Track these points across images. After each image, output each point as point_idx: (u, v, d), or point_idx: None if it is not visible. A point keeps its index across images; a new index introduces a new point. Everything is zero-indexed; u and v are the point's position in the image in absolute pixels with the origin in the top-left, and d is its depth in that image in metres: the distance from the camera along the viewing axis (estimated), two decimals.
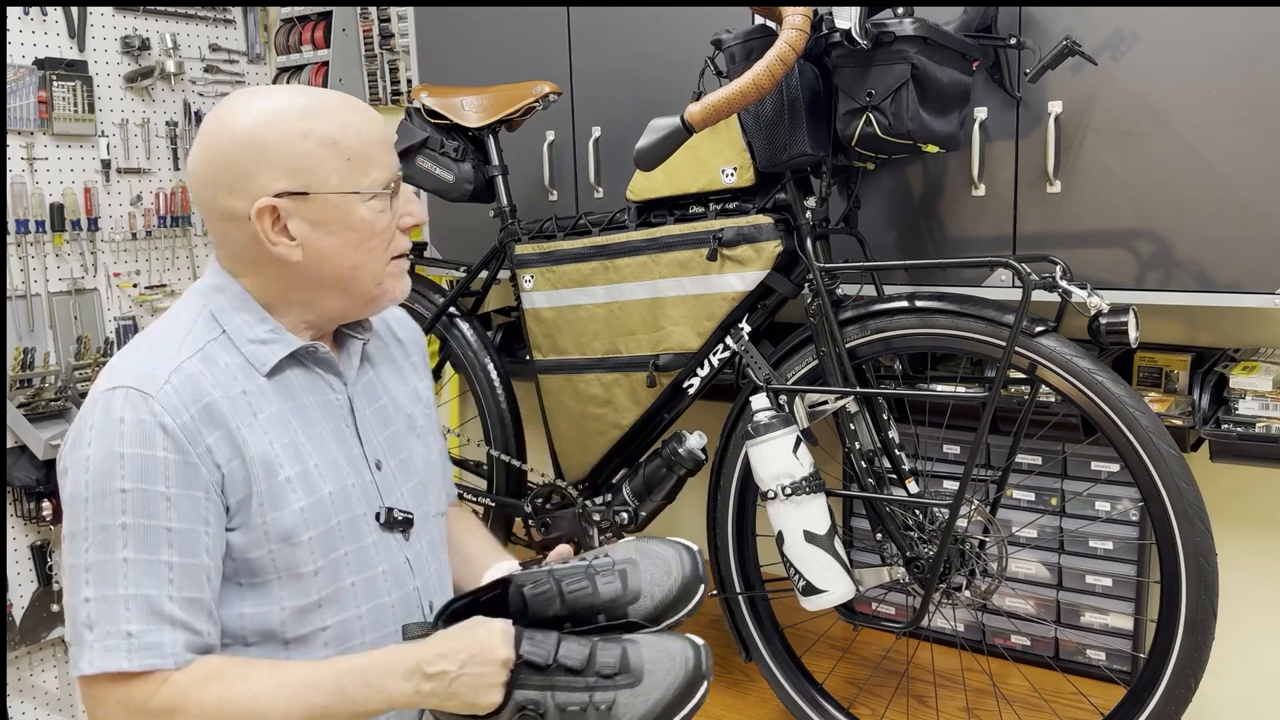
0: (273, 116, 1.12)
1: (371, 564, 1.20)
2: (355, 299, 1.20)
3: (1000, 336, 1.46)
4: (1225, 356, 1.77)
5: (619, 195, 2.12)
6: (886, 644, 2.01)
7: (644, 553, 1.23)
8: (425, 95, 2.07)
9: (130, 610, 1.03)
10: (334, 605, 1.16)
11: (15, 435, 2.62)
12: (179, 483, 1.06)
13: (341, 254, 1.15)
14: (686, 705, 1.13)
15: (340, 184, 1.13)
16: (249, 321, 1.17)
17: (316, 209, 1.13)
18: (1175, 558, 1.38)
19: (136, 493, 1.05)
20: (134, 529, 1.05)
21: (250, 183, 1.11)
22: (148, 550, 1.05)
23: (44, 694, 2.83)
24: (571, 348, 1.90)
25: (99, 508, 1.05)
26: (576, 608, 1.17)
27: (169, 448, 1.06)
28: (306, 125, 1.12)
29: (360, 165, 1.15)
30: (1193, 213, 1.58)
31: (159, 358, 1.11)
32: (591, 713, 1.09)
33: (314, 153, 1.12)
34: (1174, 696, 1.40)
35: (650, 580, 1.21)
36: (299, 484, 1.14)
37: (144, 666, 1.03)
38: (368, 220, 1.15)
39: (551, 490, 2.01)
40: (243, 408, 1.12)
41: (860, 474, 1.60)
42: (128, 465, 1.05)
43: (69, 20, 2.75)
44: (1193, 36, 1.55)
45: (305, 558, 1.13)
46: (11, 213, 2.65)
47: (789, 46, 1.43)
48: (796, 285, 1.68)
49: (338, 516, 1.17)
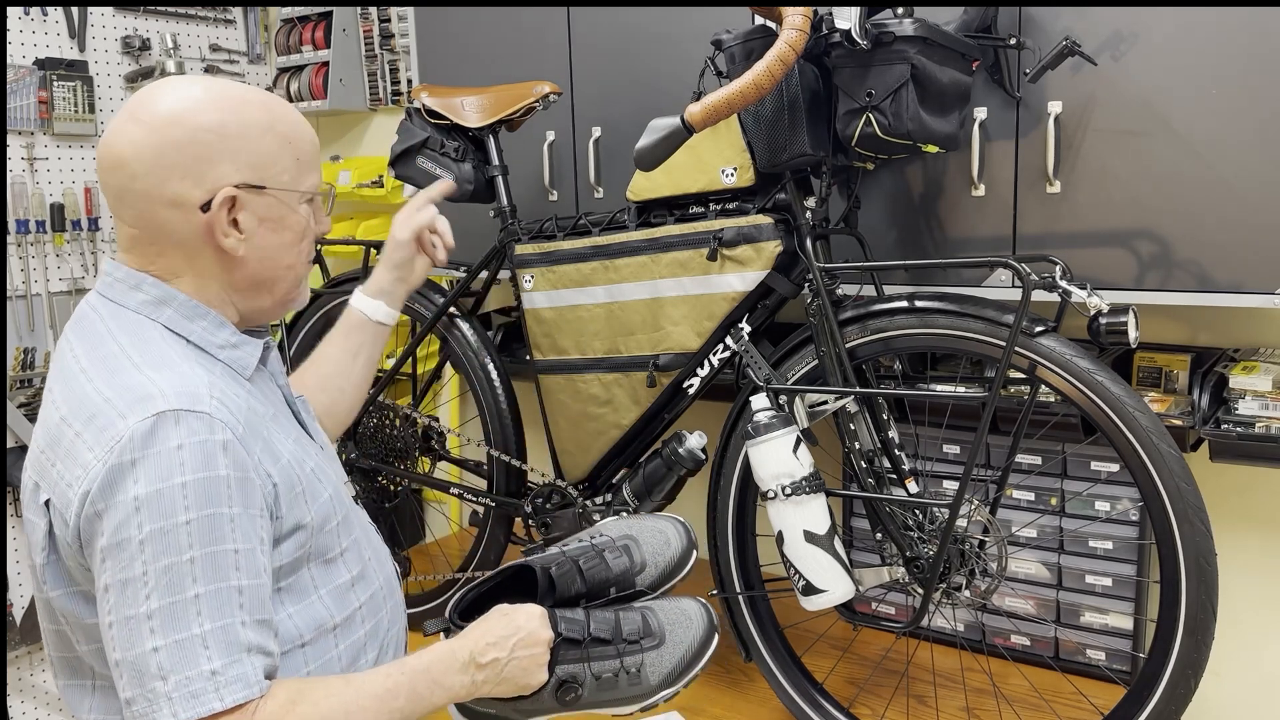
0: (238, 107, 1.11)
1: (370, 535, 1.28)
2: (278, 299, 1.20)
3: (1000, 336, 1.46)
4: (1225, 356, 1.78)
5: (619, 195, 2.12)
6: (886, 644, 2.01)
7: (639, 528, 1.35)
8: (425, 95, 2.07)
9: (210, 648, 0.97)
10: (363, 582, 1.21)
11: (15, 435, 2.62)
12: (240, 501, 1.02)
13: (280, 252, 1.16)
14: (704, 657, 1.24)
15: (290, 183, 1.15)
16: (208, 328, 1.13)
17: (267, 205, 1.13)
18: (1175, 558, 1.38)
19: (202, 520, 0.98)
20: (202, 560, 0.98)
21: (211, 171, 1.08)
22: (218, 579, 0.99)
23: (44, 694, 2.83)
24: (571, 348, 1.91)
25: (160, 548, 0.97)
26: (594, 583, 1.27)
27: (229, 465, 1.01)
28: (268, 120, 1.13)
29: (305, 167, 1.17)
30: (1193, 213, 1.58)
31: (180, 373, 1.04)
32: (623, 676, 1.19)
33: (273, 149, 1.13)
34: (1174, 696, 1.40)
35: (653, 551, 1.33)
36: (319, 475, 1.17)
37: (235, 702, 0.97)
38: (303, 221, 1.17)
39: (551, 490, 2.01)
40: (257, 415, 1.11)
41: (860, 474, 1.60)
42: (190, 493, 0.98)
43: (69, 20, 2.75)
44: (1193, 36, 1.55)
45: (333, 542, 1.17)
46: (12, 213, 2.65)
47: (789, 47, 1.43)
48: (796, 285, 1.68)
49: (347, 499, 1.23)
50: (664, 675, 1.22)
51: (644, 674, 1.21)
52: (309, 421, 1.28)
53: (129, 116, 1.09)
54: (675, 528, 1.38)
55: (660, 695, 1.22)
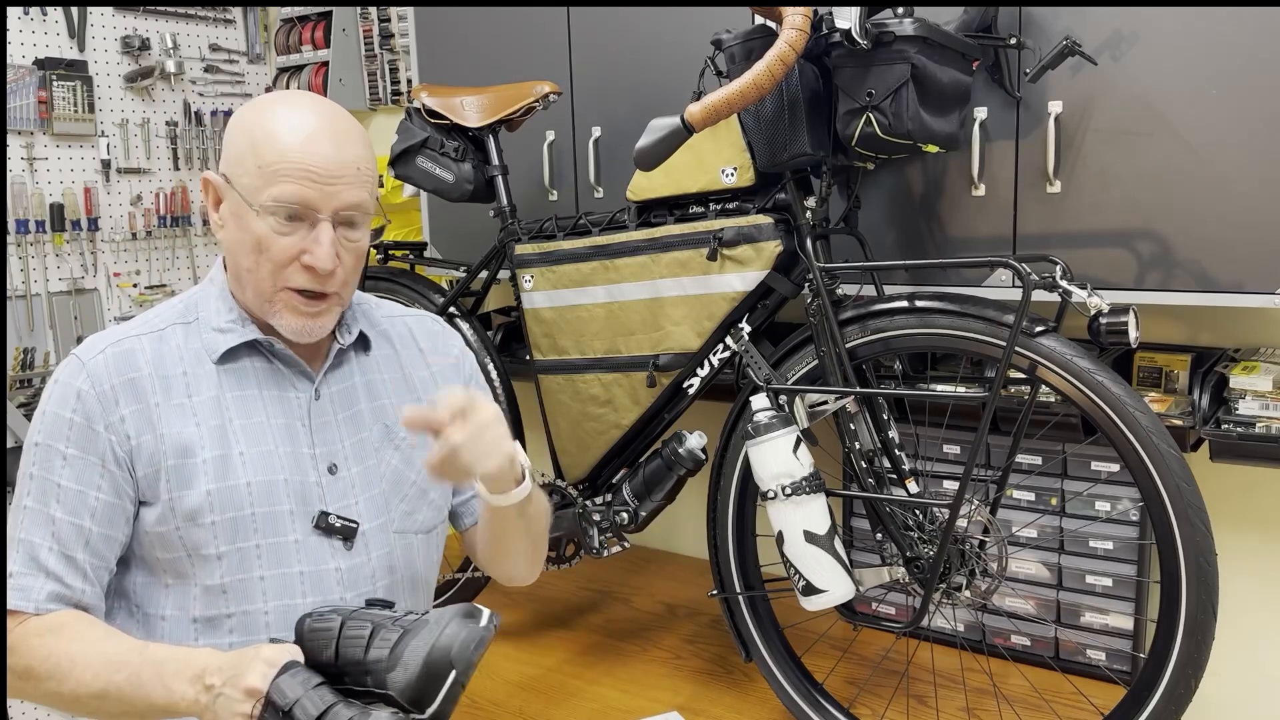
0: (248, 107, 1.21)
1: (287, 562, 1.19)
2: (253, 303, 1.21)
3: (1000, 336, 1.46)
4: (1225, 356, 1.77)
5: (619, 195, 2.12)
6: (886, 644, 2.01)
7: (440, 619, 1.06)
8: (425, 95, 2.07)
9: (17, 553, 1.14)
10: (239, 594, 1.17)
11: (15, 435, 2.61)
12: (78, 445, 1.15)
13: (239, 250, 1.19)
14: None
15: (245, 187, 1.16)
16: (220, 310, 1.23)
17: (233, 200, 1.18)
18: (1175, 558, 1.38)
19: (44, 447, 1.16)
20: (37, 480, 1.15)
21: (221, 157, 1.22)
22: (41, 503, 1.15)
23: None
24: (571, 348, 1.90)
25: (25, 459, 1.17)
26: (346, 660, 1.05)
27: (77, 411, 1.15)
28: (250, 123, 1.18)
29: (269, 178, 1.14)
30: (1193, 213, 1.58)
31: (113, 333, 1.20)
32: None
33: (242, 150, 1.17)
34: (1174, 696, 1.40)
35: (412, 650, 1.03)
36: (213, 468, 1.17)
37: (12, 606, 1.13)
38: (259, 233, 1.16)
39: (551, 490, 2.01)
40: (177, 388, 1.18)
41: (860, 474, 1.60)
42: (45, 422, 1.16)
43: (69, 20, 2.75)
44: (1193, 36, 1.54)
45: (208, 540, 1.16)
46: (11, 213, 2.65)
47: (789, 46, 1.43)
48: (796, 285, 1.68)
49: (254, 508, 1.17)
50: None
51: None
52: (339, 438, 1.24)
53: None
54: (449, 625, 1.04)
55: None
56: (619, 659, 2.01)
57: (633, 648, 2.06)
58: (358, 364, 1.30)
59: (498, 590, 2.36)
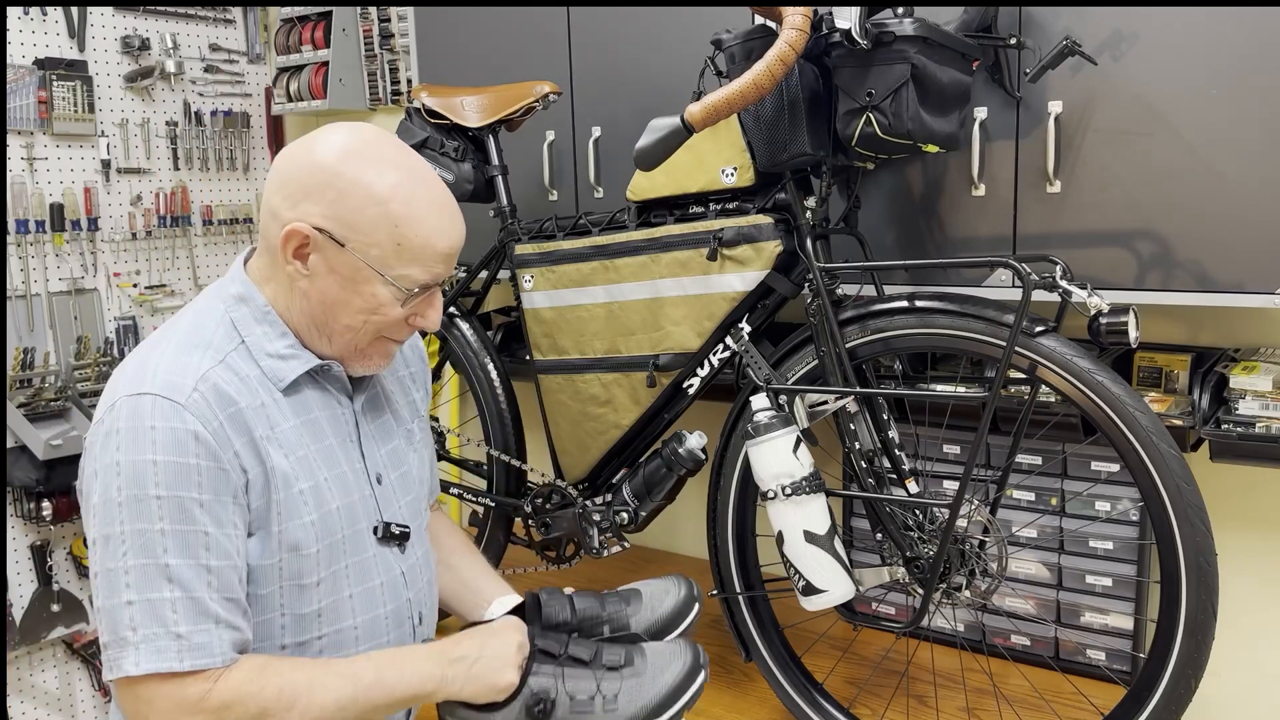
0: (366, 165, 1.14)
1: (370, 576, 1.23)
2: (336, 350, 1.22)
3: (1000, 336, 1.46)
4: (1225, 356, 1.77)
5: (619, 195, 2.12)
6: (886, 644, 2.01)
7: (646, 583, 1.35)
8: (425, 95, 2.07)
9: (178, 613, 1.05)
10: (332, 615, 1.20)
11: (15, 435, 2.61)
12: (211, 489, 1.08)
13: (339, 310, 1.17)
14: (685, 694, 1.20)
15: (377, 259, 1.14)
16: (269, 335, 1.19)
17: (344, 261, 1.15)
18: (1175, 558, 1.38)
19: (171, 500, 1.06)
20: (173, 535, 1.06)
21: (304, 202, 1.14)
22: (188, 555, 1.06)
23: (44, 694, 2.83)
24: (571, 348, 1.90)
25: (135, 512, 1.05)
26: (584, 618, 1.27)
27: (201, 454, 1.08)
28: (379, 193, 1.13)
29: (406, 259, 1.15)
30: (1193, 213, 1.58)
31: (184, 366, 1.12)
32: (599, 700, 1.16)
33: (375, 222, 1.13)
34: (1174, 696, 1.40)
35: (651, 596, 1.33)
36: (311, 497, 1.17)
37: (196, 666, 1.05)
38: (380, 300, 1.16)
39: (551, 490, 2.01)
40: (262, 419, 1.15)
41: (860, 474, 1.60)
42: (161, 472, 1.06)
43: (69, 20, 2.75)
44: (1193, 36, 1.54)
45: (310, 569, 1.16)
46: (11, 213, 2.65)
47: (789, 46, 1.43)
48: (796, 285, 1.68)
49: (343, 530, 1.20)
50: (642, 707, 1.17)
51: (620, 702, 1.17)
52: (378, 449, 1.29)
53: (304, 137, 1.18)
54: (679, 581, 1.40)
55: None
56: None
57: None
58: (376, 374, 1.33)
59: None
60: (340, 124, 1.18)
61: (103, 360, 2.83)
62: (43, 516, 2.69)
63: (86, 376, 2.79)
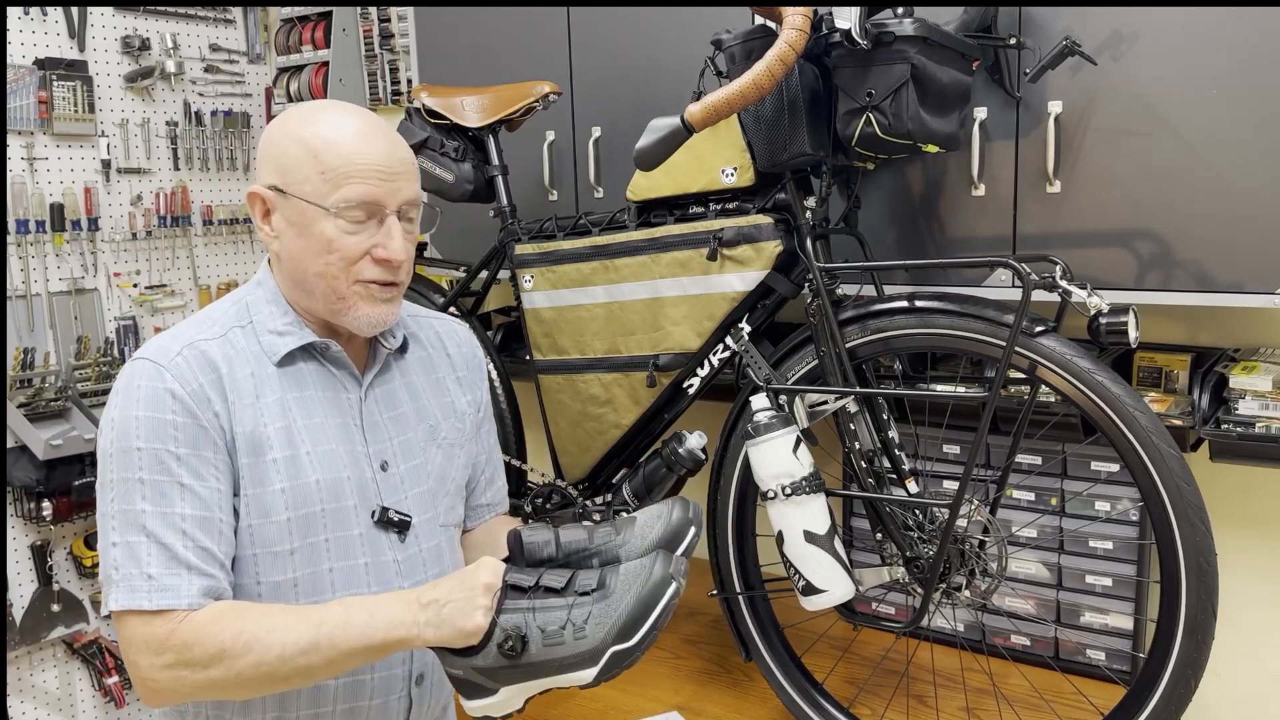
0: (287, 118, 1.23)
1: (353, 555, 1.25)
2: (321, 305, 1.25)
3: (1000, 336, 1.46)
4: (1225, 356, 1.77)
5: (619, 195, 2.12)
6: (886, 644, 2.01)
7: (644, 510, 1.24)
8: (425, 95, 2.07)
9: (151, 556, 1.13)
10: (309, 587, 1.22)
11: (15, 435, 2.62)
12: (188, 443, 1.16)
13: (305, 258, 1.22)
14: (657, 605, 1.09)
15: (310, 193, 1.19)
16: (273, 314, 1.26)
17: (291, 209, 1.21)
18: (1175, 558, 1.38)
19: (149, 451, 1.14)
20: (150, 484, 1.14)
21: (262, 170, 1.23)
22: (164, 504, 1.14)
23: (44, 694, 2.83)
24: (571, 348, 1.90)
25: (121, 463, 1.15)
26: (570, 550, 1.19)
27: (178, 411, 1.16)
28: (302, 131, 1.21)
29: (332, 181, 1.19)
30: (1193, 213, 1.58)
31: (180, 336, 1.21)
32: (569, 629, 1.09)
33: (297, 157, 1.20)
34: (1174, 696, 1.40)
35: (643, 524, 1.21)
36: (285, 466, 1.21)
37: (161, 606, 1.12)
38: (329, 235, 1.20)
39: (551, 490, 2.01)
40: (246, 389, 1.21)
41: (860, 474, 1.60)
42: (142, 426, 1.15)
43: (69, 20, 2.75)
44: (1193, 36, 1.55)
45: (282, 536, 1.20)
46: (11, 213, 2.65)
47: (789, 46, 1.43)
48: (796, 285, 1.68)
49: (324, 504, 1.23)
50: (611, 627, 1.07)
51: (589, 627, 1.08)
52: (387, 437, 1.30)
53: None
54: (676, 502, 1.25)
55: (612, 651, 1.07)
56: None
57: None
58: (397, 367, 1.36)
59: None
60: None
61: (103, 360, 2.83)
62: (43, 516, 2.69)
63: (86, 376, 2.79)
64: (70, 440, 2.62)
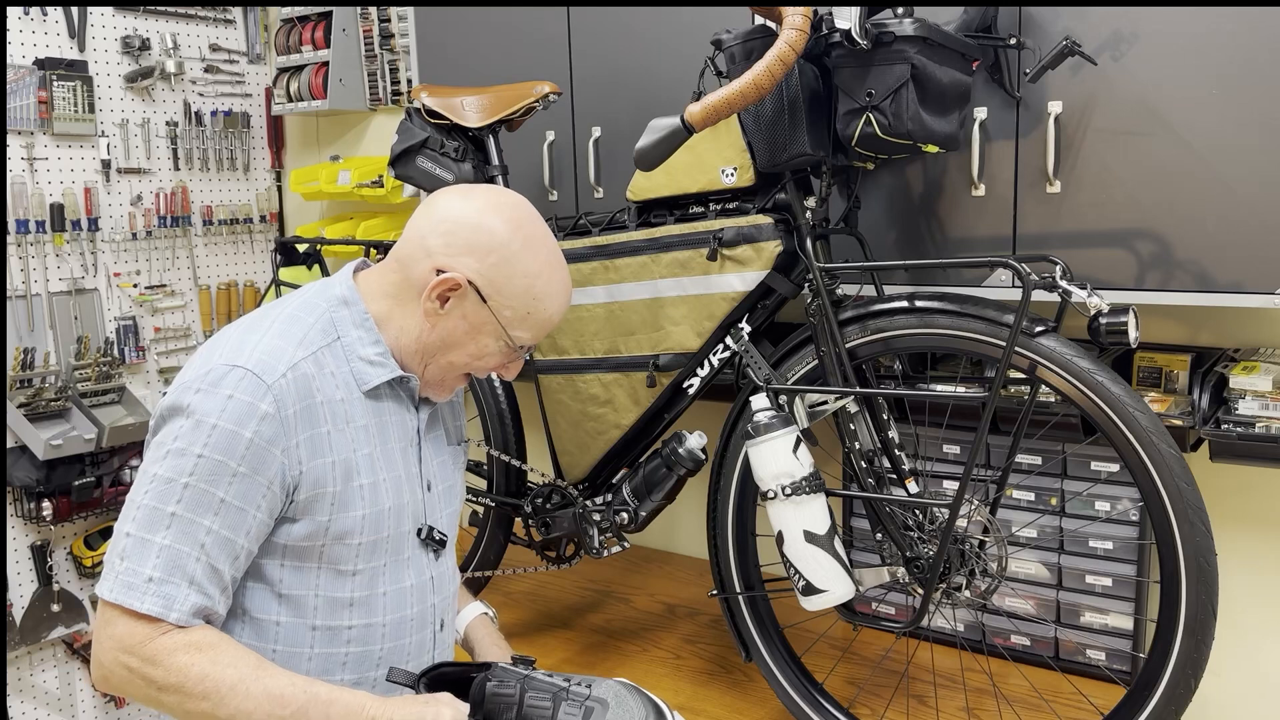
0: (508, 231, 1.24)
1: (403, 577, 1.30)
2: (426, 378, 1.31)
3: (1000, 336, 1.46)
4: (1225, 356, 1.78)
5: (619, 195, 2.12)
6: (886, 644, 2.01)
7: (620, 699, 1.18)
8: (425, 95, 2.07)
9: (159, 559, 1.12)
10: (364, 608, 1.25)
11: (15, 435, 2.62)
12: (250, 465, 1.14)
13: (455, 347, 1.28)
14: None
15: (506, 319, 1.26)
16: (363, 340, 1.27)
17: (477, 313, 1.26)
18: (1175, 558, 1.38)
19: (209, 461, 1.13)
20: (192, 491, 1.13)
21: (464, 257, 1.24)
22: (195, 512, 1.13)
23: (44, 694, 2.83)
24: (571, 348, 1.91)
25: (173, 464, 1.13)
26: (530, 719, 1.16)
27: (259, 432, 1.14)
28: (529, 267, 1.25)
29: (524, 325, 1.28)
30: (1193, 213, 1.58)
31: (280, 351, 1.19)
32: None
33: (519, 295, 1.26)
34: (1174, 696, 1.40)
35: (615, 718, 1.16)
36: (368, 493, 1.23)
37: (151, 611, 1.11)
38: (490, 350, 1.29)
39: (551, 490, 2.01)
40: (339, 414, 1.23)
41: (860, 474, 1.60)
42: (214, 437, 1.13)
43: (69, 20, 2.75)
44: (1193, 37, 1.55)
45: (349, 558, 1.23)
46: (11, 213, 2.65)
47: (789, 47, 1.43)
48: (796, 285, 1.68)
49: (390, 530, 1.27)
50: None
51: None
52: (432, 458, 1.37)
53: (466, 191, 1.28)
54: (650, 711, 1.19)
55: None
56: (619, 659, 2.01)
57: (633, 647, 2.06)
58: None
59: (497, 589, 2.36)
60: (501, 190, 1.29)
61: (103, 360, 2.83)
62: (43, 516, 2.70)
63: (86, 377, 2.79)
64: (70, 440, 2.62)
